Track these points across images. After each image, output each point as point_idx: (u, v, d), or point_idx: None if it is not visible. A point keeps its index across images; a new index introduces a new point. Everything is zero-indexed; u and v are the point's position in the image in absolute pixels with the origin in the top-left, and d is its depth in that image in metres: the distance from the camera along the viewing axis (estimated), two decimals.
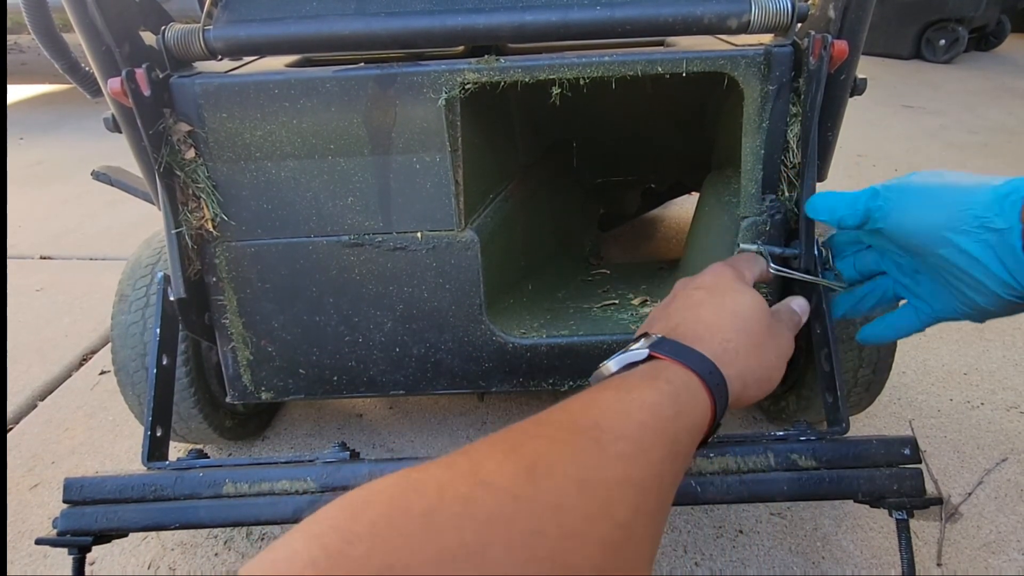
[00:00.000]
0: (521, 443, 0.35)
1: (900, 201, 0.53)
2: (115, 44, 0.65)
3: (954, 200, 0.49)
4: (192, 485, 0.66)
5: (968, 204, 0.48)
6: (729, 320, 0.52)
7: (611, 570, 0.31)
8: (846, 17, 0.66)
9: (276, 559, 0.26)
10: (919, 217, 0.52)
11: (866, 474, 0.64)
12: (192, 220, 0.75)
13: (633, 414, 0.39)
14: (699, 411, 0.44)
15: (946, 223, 0.50)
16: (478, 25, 0.68)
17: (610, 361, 0.49)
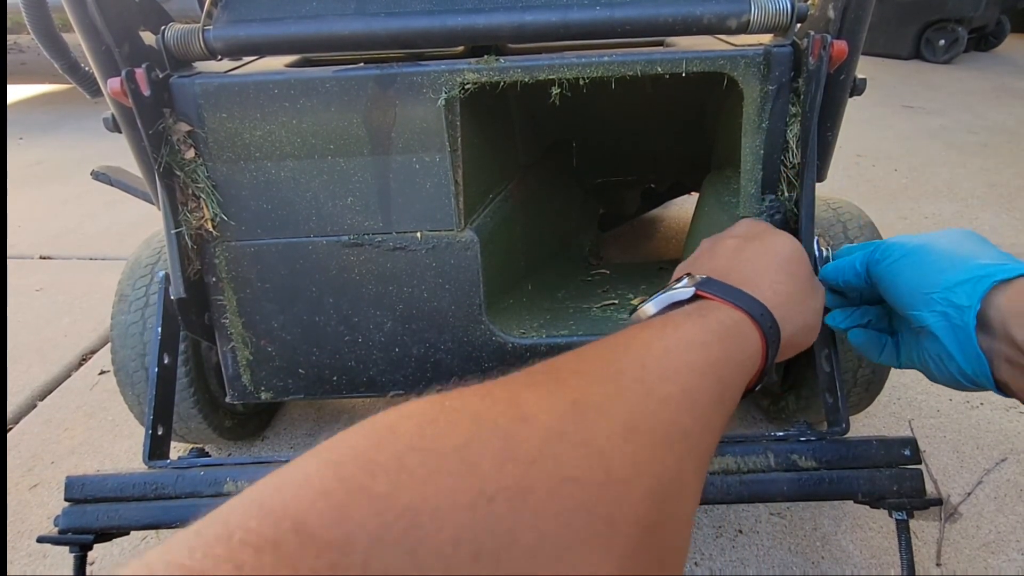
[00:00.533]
0: (564, 378, 0.32)
1: (894, 255, 0.54)
2: (115, 44, 0.65)
3: (939, 267, 0.49)
4: (193, 484, 0.66)
5: (947, 275, 0.48)
6: (775, 263, 0.50)
7: (657, 522, 0.28)
8: (845, 17, 0.66)
9: (284, 483, 0.23)
10: (902, 276, 0.52)
11: (866, 475, 0.64)
12: (192, 220, 0.75)
13: (680, 355, 0.36)
14: (750, 353, 0.42)
15: (924, 288, 0.49)
16: (478, 25, 0.68)
17: (649, 302, 0.47)
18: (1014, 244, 1.65)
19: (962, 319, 0.46)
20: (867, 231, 0.90)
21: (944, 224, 1.77)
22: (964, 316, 0.46)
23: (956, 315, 0.46)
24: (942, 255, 0.50)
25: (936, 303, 0.48)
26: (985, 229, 1.73)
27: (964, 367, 0.47)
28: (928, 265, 0.50)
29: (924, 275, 0.50)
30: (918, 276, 0.50)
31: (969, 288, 0.46)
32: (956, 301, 0.46)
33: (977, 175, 2.09)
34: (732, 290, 0.46)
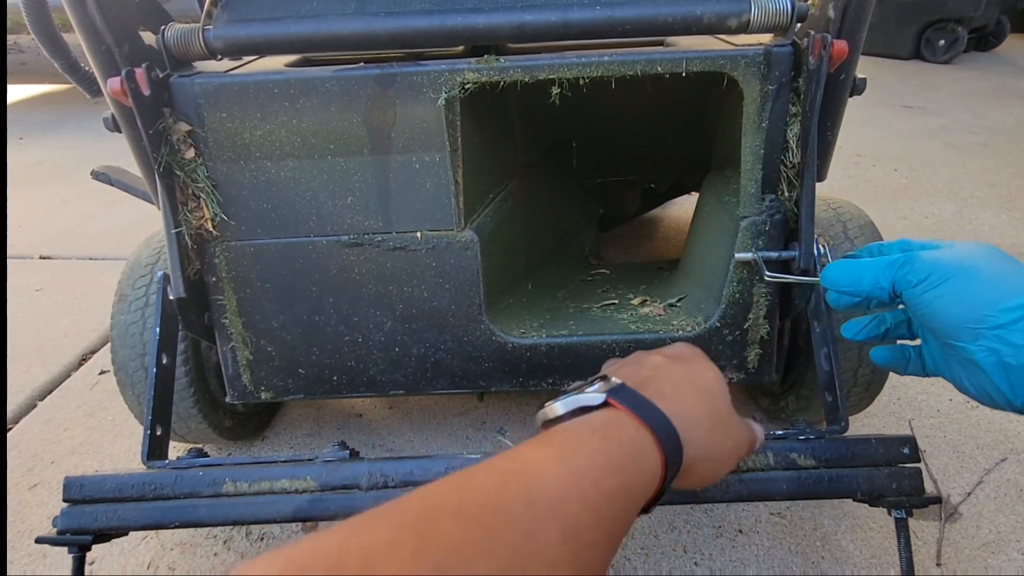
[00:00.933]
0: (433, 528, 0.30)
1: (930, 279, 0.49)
2: (115, 44, 0.65)
3: (985, 298, 0.46)
4: (192, 484, 0.66)
5: (997, 309, 0.45)
6: (696, 389, 0.49)
7: None
8: (846, 17, 0.66)
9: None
10: (948, 309, 0.48)
11: (865, 473, 0.64)
12: (192, 220, 0.75)
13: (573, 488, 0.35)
14: (648, 476, 0.41)
15: (966, 322, 0.46)
16: (478, 25, 0.68)
17: (558, 402, 0.45)
18: (1014, 244, 1.65)
19: (1018, 359, 0.44)
20: (867, 231, 0.90)
21: (944, 224, 1.77)
22: (1020, 356, 0.44)
23: (1010, 353, 0.44)
24: (986, 282, 0.47)
25: (986, 338, 0.45)
26: (985, 229, 1.74)
27: (1014, 401, 0.46)
28: (973, 295, 0.47)
29: (970, 306, 0.46)
30: (963, 307, 0.47)
31: (1020, 325, 0.44)
32: (1010, 339, 0.44)
33: (977, 175, 2.09)
34: (643, 403, 0.44)
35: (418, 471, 0.66)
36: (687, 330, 0.81)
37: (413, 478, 0.66)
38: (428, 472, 0.66)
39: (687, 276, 0.96)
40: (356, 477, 0.66)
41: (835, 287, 0.56)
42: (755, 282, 0.78)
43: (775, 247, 0.75)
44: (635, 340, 0.81)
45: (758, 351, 0.81)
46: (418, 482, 0.65)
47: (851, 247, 0.88)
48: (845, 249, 0.87)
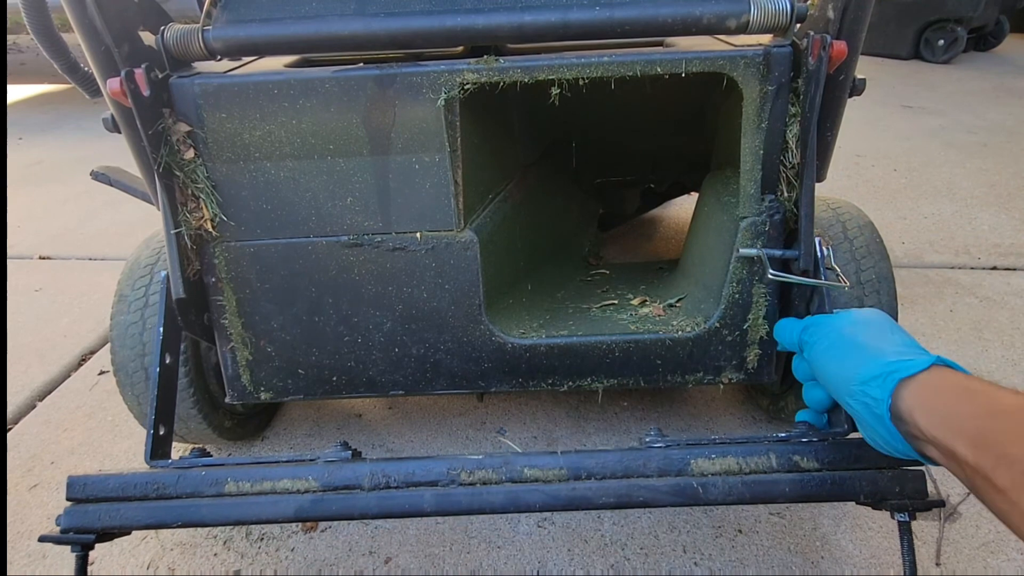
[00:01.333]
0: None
1: (820, 344, 0.63)
2: (114, 44, 0.65)
3: (856, 362, 0.57)
4: (194, 484, 0.66)
5: (862, 369, 0.56)
6: None
7: None
8: (845, 18, 0.66)
9: None
10: (828, 367, 0.61)
11: (868, 476, 0.64)
12: (191, 220, 0.75)
13: None
14: None
15: (844, 381, 0.57)
16: (477, 25, 0.68)
17: None
18: (1013, 243, 1.65)
19: (879, 409, 0.54)
20: (866, 231, 0.90)
21: (943, 224, 1.77)
22: (879, 408, 0.54)
23: (874, 405, 0.54)
24: (858, 349, 0.58)
25: (857, 394, 0.56)
26: (984, 229, 1.74)
27: (892, 445, 0.55)
28: (847, 359, 0.58)
29: (844, 368, 0.58)
30: (839, 369, 0.59)
31: (880, 383, 0.54)
32: (872, 394, 0.54)
33: (976, 175, 2.09)
34: None
35: (420, 471, 0.66)
36: (686, 330, 0.81)
37: (415, 479, 0.65)
38: (430, 472, 0.66)
39: (687, 276, 0.96)
40: (358, 477, 0.66)
41: (778, 338, 0.71)
42: (755, 282, 0.78)
43: (775, 247, 0.75)
44: (634, 340, 0.81)
45: (757, 351, 0.81)
46: (420, 483, 0.65)
47: (850, 247, 0.88)
48: (844, 249, 0.87)
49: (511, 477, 0.65)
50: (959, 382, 0.52)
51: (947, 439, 0.49)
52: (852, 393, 0.56)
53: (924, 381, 0.53)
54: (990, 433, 0.47)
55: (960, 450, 0.48)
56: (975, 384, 0.51)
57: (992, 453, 0.46)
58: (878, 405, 0.54)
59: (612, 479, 0.65)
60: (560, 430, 1.09)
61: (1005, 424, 0.46)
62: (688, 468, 0.65)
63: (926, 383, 0.52)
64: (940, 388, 0.52)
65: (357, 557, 0.88)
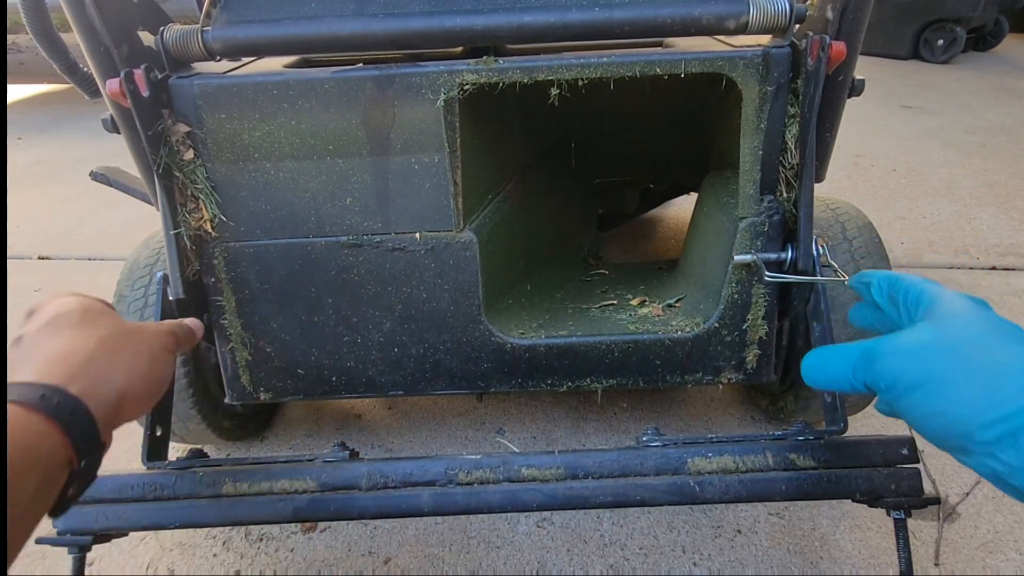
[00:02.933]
0: None
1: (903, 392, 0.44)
2: (113, 45, 0.65)
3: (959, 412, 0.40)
4: (192, 485, 0.66)
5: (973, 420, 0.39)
6: (66, 333, 0.46)
7: None
8: (844, 18, 0.66)
9: None
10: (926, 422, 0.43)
11: (864, 474, 0.64)
12: (191, 221, 0.75)
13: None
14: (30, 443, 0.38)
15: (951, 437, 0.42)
16: (476, 26, 0.68)
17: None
18: (1012, 243, 1.65)
19: (1016, 479, 0.38)
20: (865, 231, 0.90)
21: (942, 224, 1.77)
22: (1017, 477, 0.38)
23: (1006, 472, 0.39)
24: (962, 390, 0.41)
25: (978, 454, 0.40)
26: (983, 229, 1.74)
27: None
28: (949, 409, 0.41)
29: (949, 423, 0.41)
30: (941, 423, 0.42)
31: (1011, 442, 0.38)
32: (1003, 458, 0.38)
33: (975, 175, 2.10)
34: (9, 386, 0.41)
35: (418, 472, 0.66)
36: (685, 331, 0.81)
37: (413, 479, 0.66)
38: (428, 472, 0.66)
39: (686, 277, 0.96)
40: (356, 478, 0.66)
41: (814, 384, 0.51)
42: (754, 283, 0.78)
43: (774, 248, 0.75)
44: (634, 340, 0.81)
45: (757, 351, 0.81)
46: (418, 483, 0.66)
47: (849, 247, 0.88)
48: (844, 250, 0.88)
49: (509, 477, 0.65)
50: None
51: None
52: (973, 452, 0.40)
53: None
54: None
55: None
56: None
57: None
58: (1014, 475, 0.38)
59: (609, 478, 0.65)
60: (559, 430, 1.09)
61: None
62: (685, 467, 0.65)
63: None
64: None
65: (356, 557, 0.88)
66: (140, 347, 0.49)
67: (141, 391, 0.47)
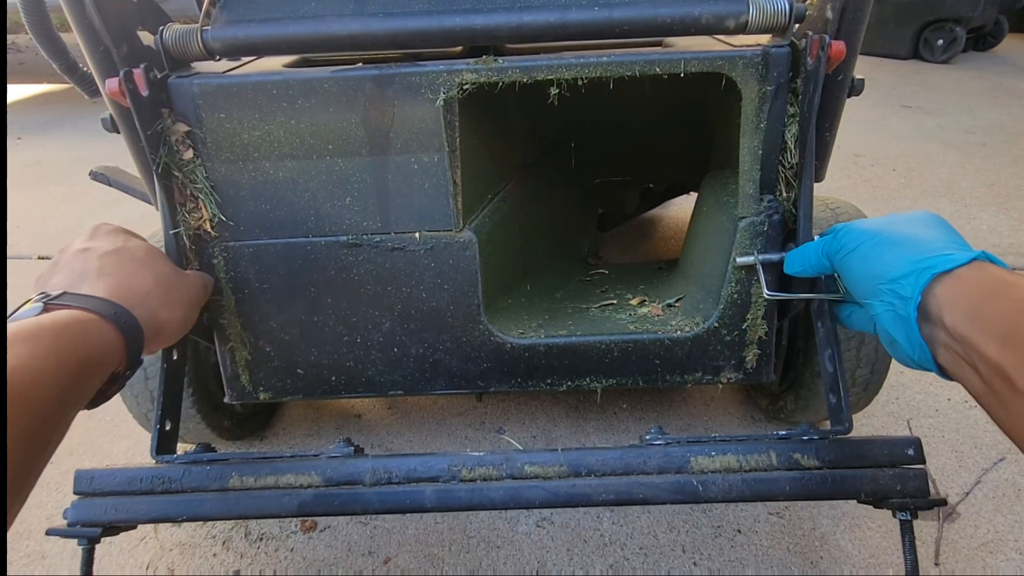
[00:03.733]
0: None
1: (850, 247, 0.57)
2: (113, 44, 0.65)
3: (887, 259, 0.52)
4: (199, 478, 0.67)
5: (893, 267, 0.51)
6: (132, 265, 0.58)
7: None
8: (844, 18, 0.66)
9: None
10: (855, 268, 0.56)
11: (869, 474, 0.64)
12: (190, 220, 0.75)
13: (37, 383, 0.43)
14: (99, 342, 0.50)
15: (872, 279, 0.53)
16: (476, 25, 0.68)
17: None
18: (1012, 243, 1.65)
19: (905, 309, 0.49)
20: None
21: None
22: (906, 307, 0.49)
23: (900, 305, 0.49)
24: (892, 245, 0.53)
25: (884, 293, 0.51)
26: (983, 228, 1.74)
27: (910, 353, 0.50)
28: (878, 257, 0.53)
29: (874, 267, 0.53)
30: (869, 268, 0.53)
31: (912, 280, 0.48)
32: (900, 292, 0.49)
33: (975, 175, 2.10)
34: (81, 298, 0.52)
35: (421, 468, 0.66)
36: (685, 330, 0.81)
37: (416, 475, 0.66)
38: (431, 469, 0.66)
39: (686, 276, 0.96)
40: (360, 473, 0.66)
41: (793, 272, 0.67)
42: (753, 282, 0.78)
43: (773, 248, 0.75)
44: (633, 340, 0.81)
45: (756, 351, 0.81)
46: (421, 479, 0.66)
47: None
48: None
49: (511, 474, 0.66)
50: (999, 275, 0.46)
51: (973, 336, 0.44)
52: (878, 292, 0.51)
53: (961, 275, 0.47)
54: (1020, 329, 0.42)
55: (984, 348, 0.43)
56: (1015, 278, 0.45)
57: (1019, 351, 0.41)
58: (905, 305, 0.49)
59: (612, 476, 0.65)
60: (559, 430, 1.09)
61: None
62: (688, 466, 0.65)
63: (962, 277, 0.47)
64: (977, 282, 0.46)
65: (356, 557, 0.88)
66: (183, 294, 0.63)
67: (175, 329, 0.61)
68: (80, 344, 0.47)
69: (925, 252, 0.50)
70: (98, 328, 0.50)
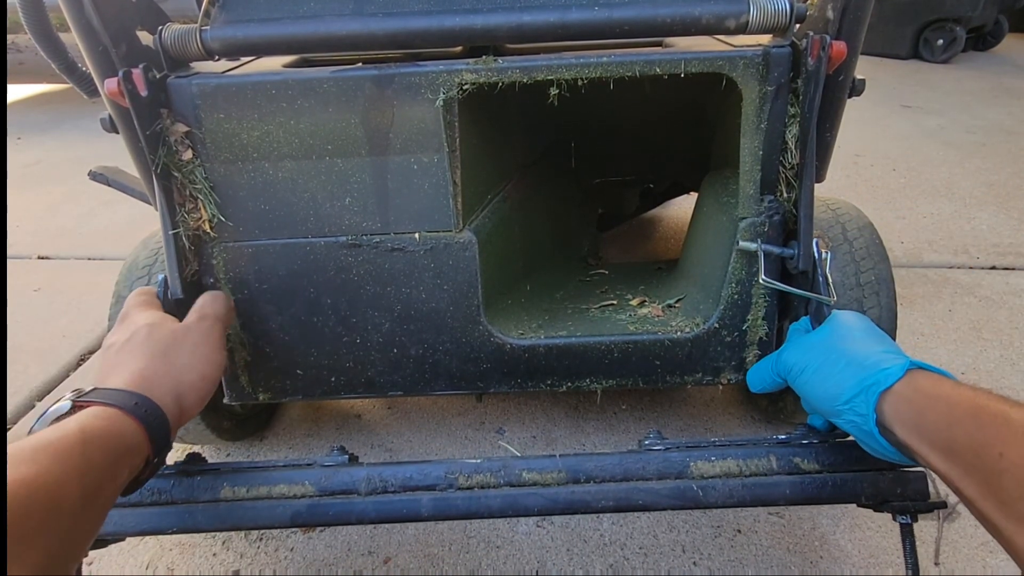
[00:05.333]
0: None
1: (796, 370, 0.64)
2: (112, 44, 0.65)
3: (836, 382, 0.58)
4: (190, 489, 0.66)
5: (844, 389, 0.57)
6: (139, 348, 0.60)
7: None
8: (844, 18, 0.66)
9: None
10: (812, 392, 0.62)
11: (869, 477, 0.63)
12: (189, 221, 0.75)
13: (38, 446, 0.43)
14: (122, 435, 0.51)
15: (830, 401, 0.58)
16: (476, 25, 0.68)
17: (36, 422, 0.51)
18: (1012, 243, 1.65)
19: (867, 426, 0.55)
20: (865, 231, 0.90)
21: (942, 223, 1.77)
22: (867, 424, 0.55)
23: (862, 422, 0.55)
24: (837, 366, 0.59)
25: (844, 413, 0.57)
26: (983, 228, 1.74)
27: (884, 453, 0.56)
28: (828, 378, 0.59)
29: (827, 389, 0.59)
30: (823, 390, 0.60)
31: (863, 399, 0.55)
32: (857, 410, 0.55)
33: (975, 174, 2.09)
34: (104, 392, 0.53)
35: (417, 476, 0.66)
36: (685, 331, 0.81)
37: (412, 483, 0.65)
38: (427, 477, 0.66)
39: (686, 277, 0.96)
40: (355, 482, 0.66)
41: (754, 388, 0.74)
42: (754, 283, 0.78)
43: (775, 246, 0.75)
44: (633, 341, 0.81)
45: (757, 352, 0.81)
46: (417, 487, 0.65)
47: (850, 248, 0.87)
48: (844, 251, 0.87)
49: (509, 481, 0.65)
50: (928, 388, 0.52)
51: (920, 449, 0.50)
52: (840, 413, 0.57)
53: (898, 392, 0.53)
54: (952, 443, 0.47)
55: (931, 460, 0.49)
56: (942, 388, 0.51)
57: (957, 464, 0.47)
58: (865, 421, 0.55)
59: (611, 482, 0.65)
60: (559, 430, 1.09)
61: (962, 432, 0.47)
62: (688, 471, 0.65)
63: (900, 394, 0.53)
64: (911, 398, 0.52)
65: (356, 557, 0.88)
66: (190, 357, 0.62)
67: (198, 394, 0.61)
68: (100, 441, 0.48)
69: (867, 369, 0.56)
70: (120, 421, 0.51)
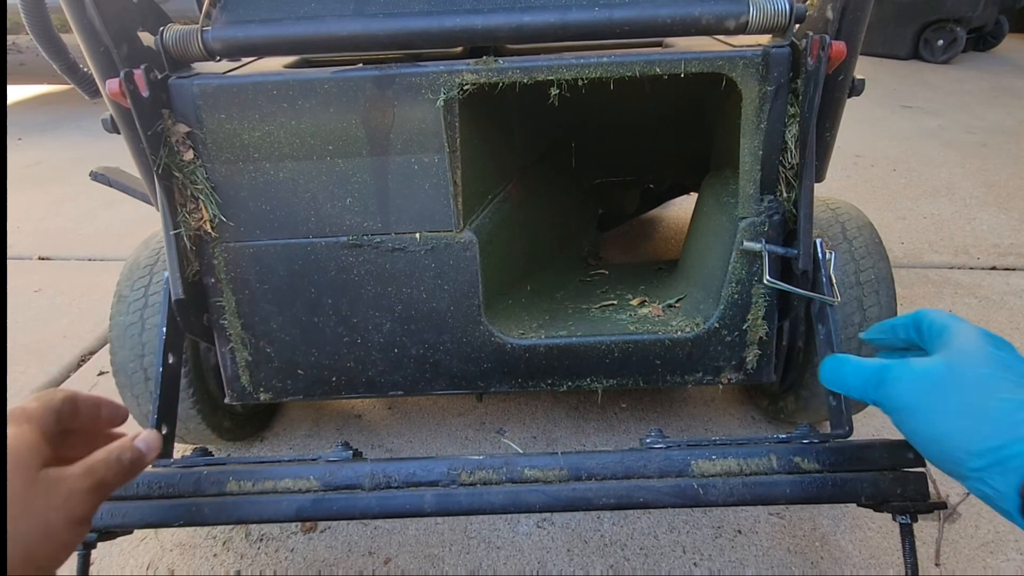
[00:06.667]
0: None
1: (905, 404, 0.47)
2: (113, 45, 0.65)
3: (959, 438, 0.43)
4: (196, 483, 0.66)
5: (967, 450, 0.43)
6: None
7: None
8: (844, 18, 0.66)
9: None
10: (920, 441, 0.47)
11: (869, 477, 0.63)
12: (190, 221, 0.75)
13: None
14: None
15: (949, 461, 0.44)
16: (476, 26, 0.68)
17: None
18: (1012, 243, 1.65)
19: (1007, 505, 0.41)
20: (865, 232, 0.90)
21: (942, 224, 1.77)
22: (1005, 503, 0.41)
23: (995, 497, 0.42)
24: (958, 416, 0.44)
25: (971, 479, 0.43)
26: (983, 229, 1.74)
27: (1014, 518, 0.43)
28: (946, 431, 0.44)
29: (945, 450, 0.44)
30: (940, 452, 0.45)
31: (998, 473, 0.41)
32: (991, 483, 0.42)
33: (975, 175, 2.10)
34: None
35: (421, 472, 0.66)
36: (685, 331, 0.81)
37: (415, 479, 0.66)
38: (431, 472, 0.66)
39: (686, 277, 0.96)
40: (359, 477, 0.66)
41: (828, 385, 0.55)
42: (754, 283, 0.78)
43: (778, 247, 0.75)
44: (633, 341, 0.81)
45: (757, 352, 0.81)
46: (421, 483, 0.65)
47: (850, 248, 0.88)
48: (844, 250, 0.87)
49: (512, 477, 0.65)
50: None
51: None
52: (963, 476, 0.43)
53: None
54: None
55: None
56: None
57: None
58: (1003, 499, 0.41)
59: (613, 480, 0.65)
60: (559, 430, 1.09)
61: None
62: (689, 469, 0.65)
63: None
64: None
65: (357, 557, 0.88)
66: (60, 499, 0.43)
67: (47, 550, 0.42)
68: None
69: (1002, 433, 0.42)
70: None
